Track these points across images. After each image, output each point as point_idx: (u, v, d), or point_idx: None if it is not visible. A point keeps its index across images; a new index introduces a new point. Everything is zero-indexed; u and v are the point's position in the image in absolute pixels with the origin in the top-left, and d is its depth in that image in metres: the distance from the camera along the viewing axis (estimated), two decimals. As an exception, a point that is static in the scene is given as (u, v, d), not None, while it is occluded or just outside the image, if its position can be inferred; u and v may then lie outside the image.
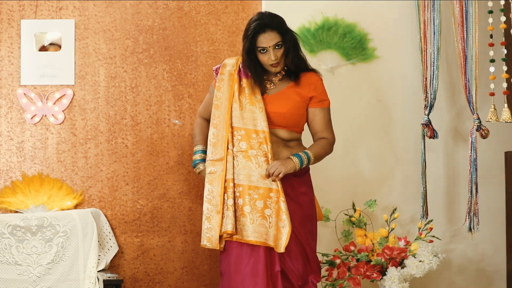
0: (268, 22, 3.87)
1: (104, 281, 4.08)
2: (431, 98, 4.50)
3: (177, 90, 4.59)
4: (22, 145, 4.47)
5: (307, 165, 3.91)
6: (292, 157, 3.87)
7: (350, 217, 4.50)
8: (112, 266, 4.47)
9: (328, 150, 3.98)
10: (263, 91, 3.96)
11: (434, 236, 4.43)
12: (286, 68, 3.97)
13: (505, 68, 4.18)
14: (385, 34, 4.71)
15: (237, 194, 3.87)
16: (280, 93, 3.96)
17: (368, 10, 4.70)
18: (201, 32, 4.63)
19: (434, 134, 4.51)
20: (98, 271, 4.28)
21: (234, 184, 3.87)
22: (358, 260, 4.34)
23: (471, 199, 4.32)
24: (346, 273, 4.30)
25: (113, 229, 4.50)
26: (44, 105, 4.49)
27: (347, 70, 4.70)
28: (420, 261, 4.28)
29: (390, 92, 4.73)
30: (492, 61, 4.19)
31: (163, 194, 4.56)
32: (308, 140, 4.05)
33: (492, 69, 4.19)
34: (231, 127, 3.93)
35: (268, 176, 3.84)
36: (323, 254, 4.41)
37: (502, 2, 4.17)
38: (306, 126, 4.06)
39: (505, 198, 4.73)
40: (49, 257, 4.28)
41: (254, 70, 3.92)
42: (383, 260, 4.29)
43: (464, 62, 4.31)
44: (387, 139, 4.72)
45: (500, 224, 4.74)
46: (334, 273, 4.35)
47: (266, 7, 4.54)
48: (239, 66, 4.01)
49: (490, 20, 4.17)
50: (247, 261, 3.84)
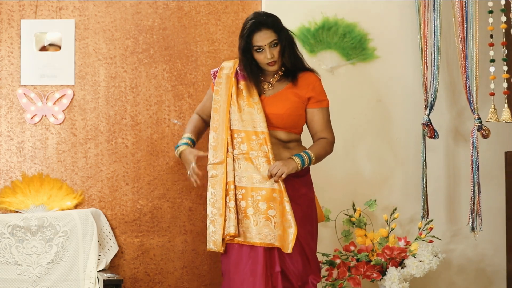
0: (263, 20, 3.86)
1: (104, 281, 4.08)
2: (432, 98, 4.49)
3: (177, 90, 4.59)
4: (22, 145, 4.47)
5: (308, 165, 3.91)
6: (293, 157, 3.86)
7: (350, 217, 4.50)
8: (112, 266, 4.47)
9: (328, 150, 3.98)
10: (261, 93, 3.96)
11: (434, 236, 4.43)
12: (283, 68, 3.97)
13: (505, 68, 4.18)
14: (385, 34, 4.71)
15: (239, 197, 3.86)
16: (278, 94, 3.95)
17: (368, 10, 4.69)
18: (201, 32, 4.62)
19: (434, 134, 4.51)
20: (98, 271, 4.28)
21: (235, 186, 3.87)
22: (358, 260, 4.33)
23: (474, 199, 4.32)
24: (346, 273, 4.30)
25: (113, 229, 4.50)
26: (44, 105, 4.49)
27: (347, 70, 4.69)
28: (420, 261, 4.28)
29: (390, 92, 4.72)
30: (492, 61, 4.18)
31: (163, 194, 4.56)
32: (308, 141, 4.05)
33: (492, 69, 4.19)
34: (231, 130, 3.93)
35: (270, 177, 3.83)
36: (323, 254, 4.40)
37: (503, 2, 4.17)
38: (305, 126, 4.06)
39: (505, 198, 4.73)
40: (49, 257, 4.28)
41: (249, 69, 3.92)
42: (383, 260, 4.29)
43: (464, 62, 4.30)
44: (387, 139, 4.72)
45: (500, 224, 4.74)
46: (334, 273, 4.35)
47: (266, 7, 4.54)
48: (236, 68, 4.01)
49: (490, 20, 4.16)
50: (246, 261, 3.84)
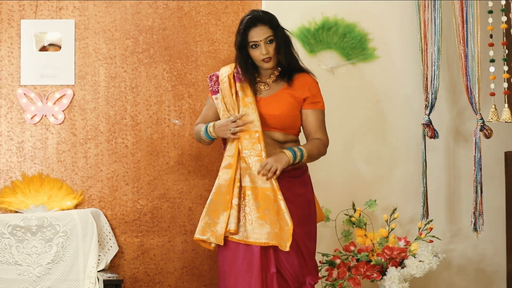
0: (259, 16, 3.88)
1: (104, 281, 4.09)
2: (432, 98, 4.49)
3: (177, 90, 4.59)
4: (22, 145, 4.47)
5: (300, 160, 3.85)
6: (284, 151, 3.83)
7: (350, 217, 4.50)
8: (112, 266, 4.47)
9: (321, 150, 3.95)
10: (257, 93, 3.96)
11: (434, 236, 4.42)
12: (279, 68, 3.97)
13: (505, 68, 4.18)
14: (385, 34, 4.71)
15: (241, 195, 3.87)
16: (274, 95, 3.95)
17: (368, 10, 4.69)
18: (201, 32, 4.62)
19: (434, 134, 4.51)
20: (98, 271, 4.28)
21: (240, 184, 3.88)
22: (358, 260, 4.33)
23: (476, 199, 4.32)
24: (346, 273, 4.30)
25: (113, 229, 4.50)
26: (44, 105, 4.49)
27: (347, 70, 4.69)
28: (420, 261, 4.27)
29: (390, 92, 4.72)
30: (492, 61, 4.18)
31: (163, 194, 4.56)
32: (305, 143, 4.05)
33: (492, 69, 4.19)
34: None
35: (263, 174, 3.82)
36: (323, 254, 4.40)
37: (503, 2, 4.17)
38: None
39: (505, 198, 4.73)
40: (49, 257, 4.28)
41: (244, 66, 3.92)
42: (383, 260, 4.29)
43: (465, 62, 4.30)
44: (388, 139, 4.72)
45: (500, 224, 4.74)
46: (334, 273, 4.35)
47: (266, 7, 4.54)
48: (234, 71, 4.01)
49: (490, 20, 4.16)
50: (242, 260, 3.84)
